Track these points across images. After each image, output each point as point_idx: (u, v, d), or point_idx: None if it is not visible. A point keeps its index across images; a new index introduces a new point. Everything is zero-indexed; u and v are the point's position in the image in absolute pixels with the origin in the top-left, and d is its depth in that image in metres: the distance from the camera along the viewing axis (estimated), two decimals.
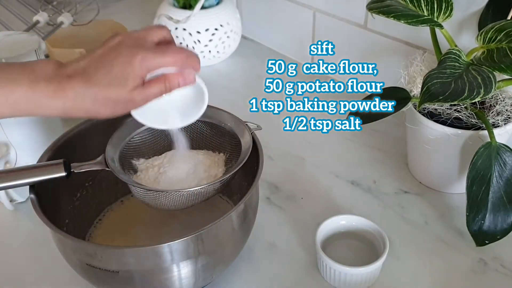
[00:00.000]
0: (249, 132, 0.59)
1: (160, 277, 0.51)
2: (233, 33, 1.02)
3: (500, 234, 0.60)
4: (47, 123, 0.71)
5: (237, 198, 0.67)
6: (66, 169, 0.52)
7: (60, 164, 0.52)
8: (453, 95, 0.55)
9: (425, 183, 0.73)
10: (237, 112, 0.63)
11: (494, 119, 0.64)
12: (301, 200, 0.71)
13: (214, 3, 1.01)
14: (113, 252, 0.49)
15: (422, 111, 0.66)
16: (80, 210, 0.63)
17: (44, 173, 0.51)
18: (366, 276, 0.57)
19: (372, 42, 0.88)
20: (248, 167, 0.59)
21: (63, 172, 0.51)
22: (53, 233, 0.51)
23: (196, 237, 0.49)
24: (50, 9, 1.17)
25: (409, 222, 0.67)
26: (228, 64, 1.06)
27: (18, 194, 0.71)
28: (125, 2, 1.38)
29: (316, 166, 0.78)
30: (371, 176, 0.75)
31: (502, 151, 0.60)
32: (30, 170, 0.51)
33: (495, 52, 0.58)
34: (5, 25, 1.22)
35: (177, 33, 0.98)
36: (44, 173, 0.51)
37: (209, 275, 0.55)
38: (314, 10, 0.96)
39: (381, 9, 0.63)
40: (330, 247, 0.62)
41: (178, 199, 0.55)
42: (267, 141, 0.68)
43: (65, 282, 0.60)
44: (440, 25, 0.63)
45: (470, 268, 0.61)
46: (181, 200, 0.55)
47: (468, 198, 0.60)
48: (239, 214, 0.53)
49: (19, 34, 0.71)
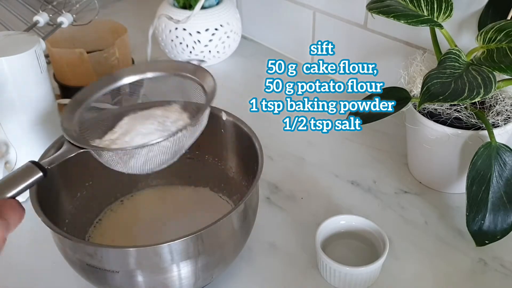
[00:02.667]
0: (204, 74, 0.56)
1: (160, 277, 0.51)
2: (233, 33, 1.02)
3: (500, 234, 0.60)
4: (47, 122, 0.71)
5: (237, 198, 0.67)
6: (40, 169, 0.46)
7: (31, 166, 0.46)
8: (453, 95, 0.55)
9: (425, 183, 0.73)
10: (237, 112, 0.63)
11: (494, 119, 0.64)
12: (301, 200, 0.71)
13: (214, 3, 1.01)
14: (113, 252, 0.49)
15: (422, 111, 0.66)
16: (80, 210, 0.63)
17: (22, 181, 0.45)
18: (366, 276, 0.57)
19: (372, 42, 0.88)
20: (248, 167, 0.59)
21: (39, 173, 0.46)
22: (53, 233, 0.51)
23: (196, 237, 0.49)
24: (50, 9, 1.17)
25: (409, 222, 0.67)
26: (228, 64, 1.06)
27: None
28: (125, 2, 1.38)
29: (316, 166, 0.78)
30: (371, 176, 0.75)
31: (502, 151, 0.60)
32: (6, 182, 0.45)
33: (495, 52, 0.58)
34: (5, 25, 1.22)
35: (177, 33, 0.98)
36: (22, 181, 0.45)
37: (209, 275, 0.55)
38: (314, 10, 0.96)
39: (381, 9, 0.63)
40: (330, 247, 0.62)
41: (157, 155, 0.51)
42: (267, 141, 0.68)
43: (65, 282, 0.60)
44: (440, 25, 0.63)
45: (470, 268, 0.61)
46: (161, 156, 0.51)
47: (468, 198, 0.60)
48: (239, 214, 0.53)
49: (19, 34, 0.71)
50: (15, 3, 1.34)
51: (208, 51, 1.00)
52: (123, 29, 0.90)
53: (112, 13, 1.27)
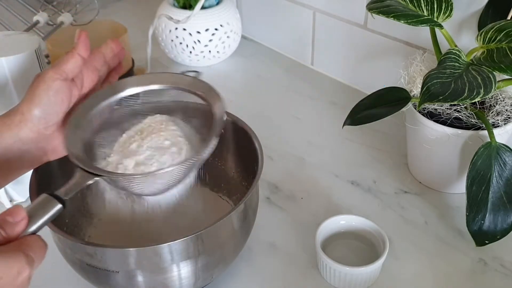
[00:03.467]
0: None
1: (160, 277, 0.51)
2: (233, 33, 1.02)
3: (500, 234, 0.60)
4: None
5: (237, 198, 0.67)
6: (58, 200, 0.44)
7: (48, 198, 0.44)
8: (453, 95, 0.55)
9: (425, 183, 0.73)
10: (237, 112, 0.63)
11: (494, 119, 0.64)
12: (301, 200, 0.71)
13: (214, 3, 1.01)
14: (113, 252, 0.49)
15: (422, 111, 0.66)
16: (80, 210, 0.63)
17: (42, 215, 0.43)
18: (366, 276, 0.57)
19: (372, 42, 0.88)
20: (248, 167, 0.59)
21: (58, 204, 0.44)
22: (53, 233, 0.51)
23: (196, 237, 0.49)
24: (50, 9, 1.17)
25: (409, 222, 0.67)
26: (228, 64, 1.06)
27: (18, 194, 0.71)
28: (125, 2, 1.38)
29: (316, 166, 0.78)
30: (371, 176, 0.75)
31: (502, 151, 0.60)
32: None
33: (495, 52, 0.58)
34: (5, 25, 1.22)
35: (177, 33, 0.98)
36: (42, 215, 0.43)
37: (209, 275, 0.55)
38: (314, 10, 0.96)
39: (381, 9, 0.63)
40: (330, 247, 0.62)
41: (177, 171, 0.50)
42: (267, 141, 0.68)
43: (65, 282, 0.60)
44: (440, 25, 0.63)
45: (470, 268, 0.61)
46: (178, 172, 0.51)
47: (468, 198, 0.60)
48: (239, 214, 0.53)
49: (19, 34, 0.71)
50: (15, 3, 1.34)
51: (208, 51, 1.00)
52: (123, 29, 0.90)
53: (112, 13, 1.27)
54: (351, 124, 0.70)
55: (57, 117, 0.51)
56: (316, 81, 0.98)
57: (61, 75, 0.50)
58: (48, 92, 0.49)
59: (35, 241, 0.40)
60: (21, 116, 0.50)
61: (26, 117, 0.50)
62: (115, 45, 0.57)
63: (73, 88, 0.52)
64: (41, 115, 0.50)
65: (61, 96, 0.50)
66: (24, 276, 0.38)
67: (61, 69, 0.50)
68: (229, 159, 0.67)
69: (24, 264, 0.38)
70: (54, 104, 0.50)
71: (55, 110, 0.50)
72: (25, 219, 0.40)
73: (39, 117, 0.50)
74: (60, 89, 0.50)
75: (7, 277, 0.37)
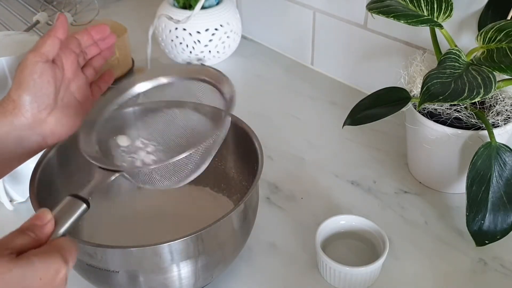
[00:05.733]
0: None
1: (160, 277, 0.51)
2: (233, 33, 1.02)
3: (500, 234, 0.60)
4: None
5: (237, 198, 0.67)
6: (83, 201, 0.45)
7: (73, 200, 0.45)
8: (453, 95, 0.55)
9: (425, 183, 0.73)
10: (237, 112, 0.63)
11: (494, 119, 0.64)
12: (301, 200, 0.71)
13: (214, 3, 1.01)
14: (113, 252, 0.49)
15: (422, 111, 0.66)
16: None
17: (69, 216, 0.44)
18: (366, 276, 0.57)
19: (372, 42, 0.88)
20: (248, 167, 0.59)
21: (83, 205, 0.45)
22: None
23: (196, 237, 0.49)
24: (50, 9, 1.18)
25: (409, 222, 0.67)
26: (228, 64, 1.06)
27: (18, 194, 0.71)
28: (125, 2, 1.38)
29: (316, 166, 0.78)
30: (371, 176, 0.75)
31: (502, 151, 0.60)
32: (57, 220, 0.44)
33: (495, 52, 0.58)
34: (5, 25, 1.21)
35: (177, 33, 0.98)
36: (69, 216, 0.44)
37: (209, 275, 0.55)
38: (314, 10, 0.96)
39: (381, 9, 0.63)
40: (330, 247, 0.62)
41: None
42: (267, 141, 0.68)
43: None
44: (440, 25, 0.63)
45: (470, 268, 0.61)
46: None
47: (468, 198, 0.60)
48: (239, 214, 0.53)
49: (19, 34, 0.71)
50: (15, 3, 1.34)
51: (208, 51, 1.00)
52: (123, 29, 0.90)
53: (112, 13, 1.27)
54: (351, 124, 0.70)
55: (48, 99, 0.53)
56: (316, 81, 0.98)
57: (41, 57, 0.51)
58: (33, 75, 0.51)
59: (66, 242, 0.41)
60: (13, 103, 0.51)
61: (17, 103, 0.51)
62: (95, 32, 0.58)
63: (56, 70, 0.53)
64: (32, 99, 0.52)
65: (46, 77, 0.52)
66: (61, 276, 0.39)
67: (40, 51, 0.52)
68: (229, 159, 0.66)
69: (61, 264, 0.39)
70: (41, 86, 0.52)
71: (43, 92, 0.52)
72: (51, 221, 0.42)
73: (30, 101, 0.52)
74: (43, 71, 0.52)
75: (46, 278, 0.38)
